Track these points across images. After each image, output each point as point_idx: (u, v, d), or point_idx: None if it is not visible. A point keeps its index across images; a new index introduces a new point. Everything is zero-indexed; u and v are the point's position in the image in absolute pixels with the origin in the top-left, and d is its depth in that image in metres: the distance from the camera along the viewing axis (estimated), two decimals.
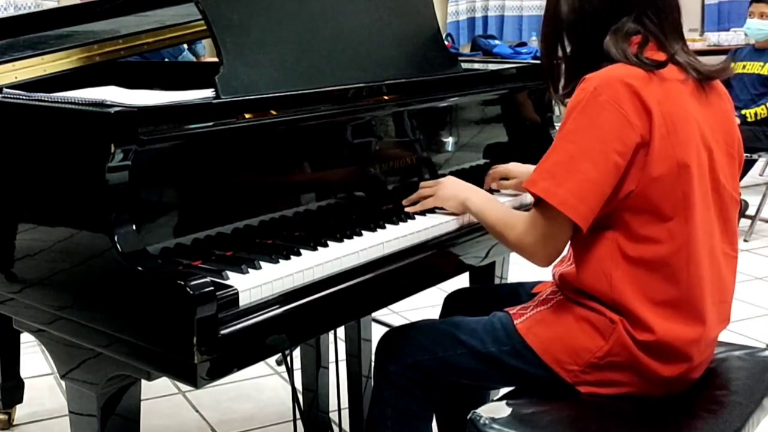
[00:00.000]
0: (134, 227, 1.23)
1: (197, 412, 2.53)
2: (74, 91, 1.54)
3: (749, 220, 4.45)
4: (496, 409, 1.38)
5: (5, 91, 1.48)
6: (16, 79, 1.75)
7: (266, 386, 2.69)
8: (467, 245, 1.61)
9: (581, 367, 1.41)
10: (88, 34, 1.95)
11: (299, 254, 1.37)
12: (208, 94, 1.48)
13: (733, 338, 1.51)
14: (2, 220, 1.40)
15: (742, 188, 1.49)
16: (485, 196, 1.61)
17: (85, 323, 1.27)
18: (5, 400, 2.40)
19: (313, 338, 2.04)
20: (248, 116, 1.43)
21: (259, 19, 1.57)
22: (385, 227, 1.55)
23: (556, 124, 2.23)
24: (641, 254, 1.36)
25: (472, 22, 6.55)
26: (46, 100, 1.38)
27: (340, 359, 2.03)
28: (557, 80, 1.52)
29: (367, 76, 1.71)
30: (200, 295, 1.13)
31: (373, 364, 1.65)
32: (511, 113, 2.11)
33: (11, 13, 4.30)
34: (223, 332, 1.16)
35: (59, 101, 1.35)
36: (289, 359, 1.94)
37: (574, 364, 1.41)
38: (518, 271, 2.30)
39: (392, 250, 1.49)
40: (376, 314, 2.53)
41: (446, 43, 3.02)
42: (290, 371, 1.95)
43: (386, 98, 1.70)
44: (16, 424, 2.45)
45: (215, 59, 1.54)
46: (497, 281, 2.20)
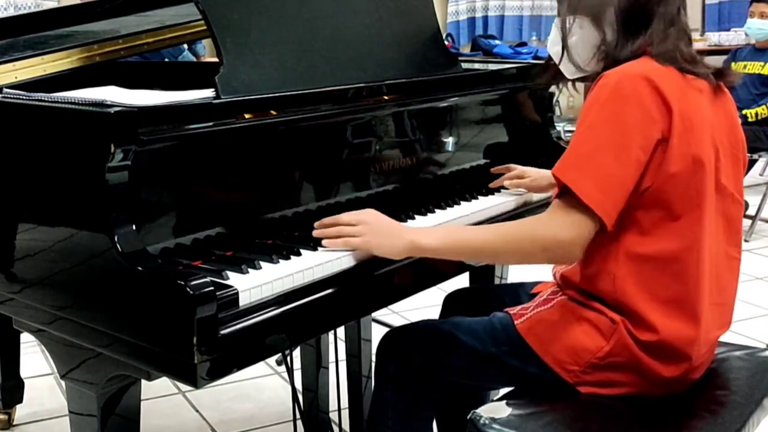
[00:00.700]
0: (134, 227, 1.23)
1: (197, 412, 2.53)
2: (74, 91, 1.54)
3: (749, 220, 4.45)
4: (496, 409, 1.38)
5: (5, 91, 1.48)
6: (16, 79, 1.75)
7: (266, 386, 2.69)
8: None
9: (582, 367, 1.41)
10: (88, 34, 1.95)
11: (299, 254, 1.37)
12: (208, 94, 1.48)
13: (733, 338, 1.51)
14: (2, 220, 1.40)
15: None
16: (441, 228, 1.53)
17: (85, 323, 1.27)
18: (5, 400, 2.40)
19: (313, 338, 2.04)
20: (248, 116, 1.43)
21: (259, 19, 1.57)
22: None
23: (556, 124, 2.24)
24: (650, 251, 1.35)
25: (472, 22, 6.55)
26: (46, 100, 1.38)
27: (340, 359, 2.03)
28: (578, 56, 1.46)
29: (367, 76, 1.71)
30: (200, 295, 1.13)
31: (373, 364, 1.65)
32: (511, 113, 2.11)
33: (11, 13, 4.30)
34: (223, 332, 1.16)
35: (59, 101, 1.35)
36: (289, 359, 1.94)
37: (574, 364, 1.41)
38: (518, 271, 2.30)
39: None
40: (376, 314, 2.53)
41: (446, 43, 3.02)
42: (290, 371, 1.95)
43: (386, 98, 1.70)
44: (16, 424, 2.45)
45: (215, 59, 1.54)
46: (497, 281, 2.20)
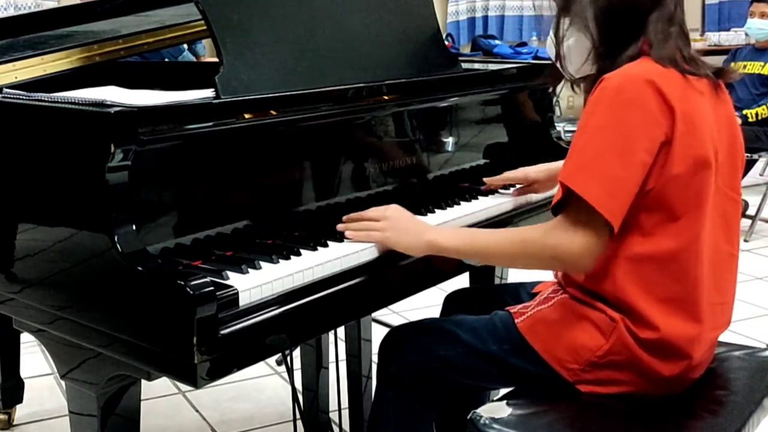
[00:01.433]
0: (134, 227, 1.23)
1: (197, 412, 2.53)
2: (74, 91, 1.53)
3: (749, 220, 4.45)
4: (496, 409, 1.38)
5: (5, 91, 1.48)
6: (16, 79, 1.75)
7: (266, 386, 2.69)
8: None
9: (581, 365, 1.41)
10: (88, 34, 1.95)
11: (299, 254, 1.37)
12: (208, 94, 1.48)
13: (733, 338, 1.51)
14: (2, 220, 1.40)
15: (742, 188, 1.49)
16: (456, 229, 1.55)
17: (85, 323, 1.27)
18: (5, 400, 2.40)
19: (313, 338, 2.04)
20: (248, 116, 1.43)
21: (259, 19, 1.57)
22: None
23: (556, 124, 2.24)
24: (650, 251, 1.35)
25: (472, 22, 6.54)
26: (46, 100, 1.38)
27: (340, 359, 2.03)
28: (570, 63, 1.46)
29: (367, 76, 1.71)
30: (200, 295, 1.13)
31: (373, 364, 1.65)
32: (511, 113, 2.11)
33: (11, 13, 4.29)
34: (223, 332, 1.16)
35: (59, 101, 1.35)
36: (289, 359, 1.94)
37: (574, 362, 1.41)
38: (518, 270, 2.30)
39: None
40: (376, 314, 2.53)
41: (446, 43, 3.02)
42: (290, 371, 1.95)
43: (386, 98, 1.70)
44: (16, 424, 2.45)
45: (215, 59, 1.54)
46: (497, 281, 2.20)
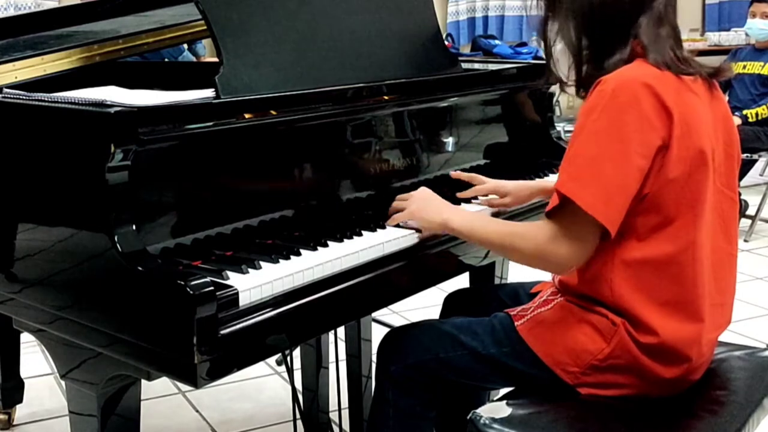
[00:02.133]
0: (134, 227, 1.23)
1: (197, 412, 2.53)
2: (74, 91, 1.54)
3: (749, 220, 4.45)
4: (496, 409, 1.38)
5: (5, 91, 1.48)
6: (16, 79, 1.75)
7: (266, 386, 2.69)
8: (467, 245, 1.61)
9: (582, 368, 1.40)
10: (88, 34, 1.95)
11: (299, 254, 1.37)
12: (208, 94, 1.48)
13: (733, 338, 1.51)
14: (2, 220, 1.40)
15: (742, 188, 1.49)
16: (469, 213, 1.55)
17: (85, 323, 1.27)
18: (5, 400, 2.40)
19: (313, 338, 2.04)
20: (248, 116, 1.43)
21: (259, 19, 1.57)
22: (385, 227, 1.55)
23: (556, 124, 2.24)
24: (647, 255, 1.34)
25: (472, 22, 6.54)
26: (46, 100, 1.38)
27: (340, 359, 2.03)
28: (559, 66, 1.45)
29: (367, 76, 1.71)
30: (200, 295, 1.13)
31: (373, 364, 1.65)
32: (511, 113, 2.11)
33: (11, 13, 4.30)
34: (223, 332, 1.16)
35: (59, 101, 1.35)
36: (289, 359, 1.94)
37: (574, 365, 1.41)
38: (518, 271, 2.30)
39: (392, 250, 1.49)
40: (376, 314, 2.53)
41: (446, 43, 3.02)
42: (290, 371, 1.95)
43: (386, 98, 1.70)
44: (16, 424, 2.45)
45: (215, 59, 1.54)
46: (497, 281, 2.20)
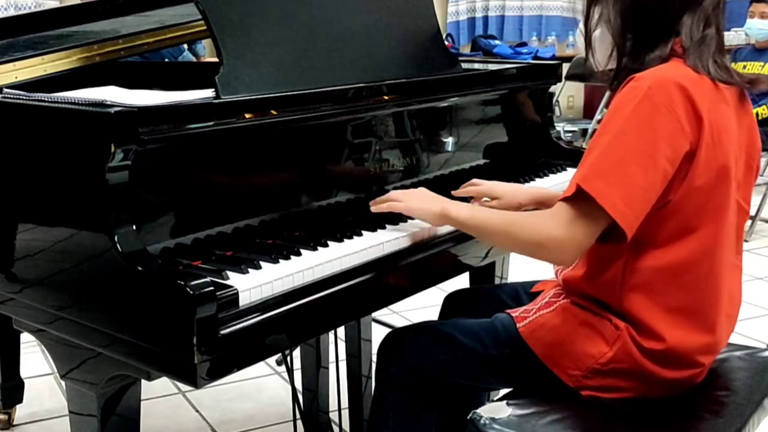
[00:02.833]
0: (134, 227, 1.23)
1: (197, 412, 2.53)
2: (74, 91, 1.53)
3: (749, 220, 4.45)
4: (496, 409, 1.38)
5: (5, 91, 1.48)
6: (16, 79, 1.75)
7: (266, 386, 2.69)
8: (467, 245, 1.61)
9: (583, 372, 1.40)
10: (88, 34, 1.95)
11: (299, 254, 1.37)
12: (208, 94, 1.48)
13: (733, 338, 1.51)
14: (2, 220, 1.40)
15: None
16: (467, 205, 1.53)
17: (85, 323, 1.27)
18: (5, 400, 2.40)
19: (313, 338, 2.04)
20: (248, 116, 1.43)
21: (259, 19, 1.57)
22: (385, 227, 1.55)
23: (556, 124, 2.24)
24: (663, 263, 1.32)
25: (472, 22, 6.55)
26: (46, 100, 1.38)
27: (340, 359, 2.03)
28: (596, 55, 1.41)
29: (367, 76, 1.71)
30: (200, 295, 1.13)
31: (373, 364, 1.65)
32: (511, 113, 2.11)
33: (11, 13, 4.30)
34: (223, 332, 1.16)
35: (59, 101, 1.35)
36: (289, 359, 1.94)
37: (576, 369, 1.40)
38: (518, 271, 2.30)
39: (392, 250, 1.49)
40: (376, 314, 2.53)
41: (446, 43, 3.02)
42: (290, 371, 1.95)
43: (386, 98, 1.70)
44: (16, 424, 2.45)
45: (215, 59, 1.54)
46: (497, 281, 2.20)
